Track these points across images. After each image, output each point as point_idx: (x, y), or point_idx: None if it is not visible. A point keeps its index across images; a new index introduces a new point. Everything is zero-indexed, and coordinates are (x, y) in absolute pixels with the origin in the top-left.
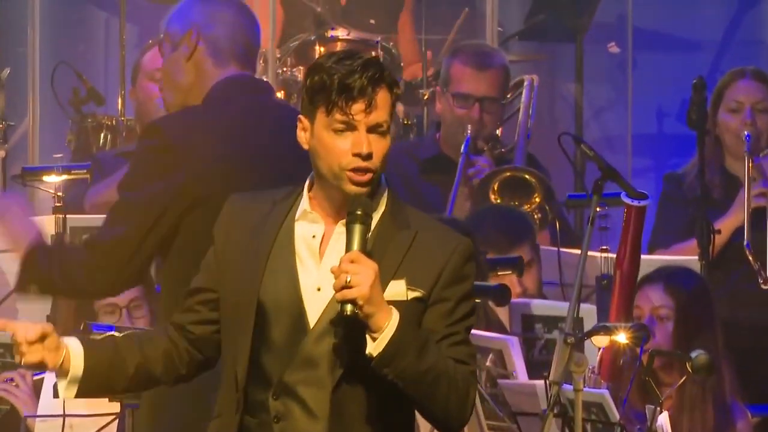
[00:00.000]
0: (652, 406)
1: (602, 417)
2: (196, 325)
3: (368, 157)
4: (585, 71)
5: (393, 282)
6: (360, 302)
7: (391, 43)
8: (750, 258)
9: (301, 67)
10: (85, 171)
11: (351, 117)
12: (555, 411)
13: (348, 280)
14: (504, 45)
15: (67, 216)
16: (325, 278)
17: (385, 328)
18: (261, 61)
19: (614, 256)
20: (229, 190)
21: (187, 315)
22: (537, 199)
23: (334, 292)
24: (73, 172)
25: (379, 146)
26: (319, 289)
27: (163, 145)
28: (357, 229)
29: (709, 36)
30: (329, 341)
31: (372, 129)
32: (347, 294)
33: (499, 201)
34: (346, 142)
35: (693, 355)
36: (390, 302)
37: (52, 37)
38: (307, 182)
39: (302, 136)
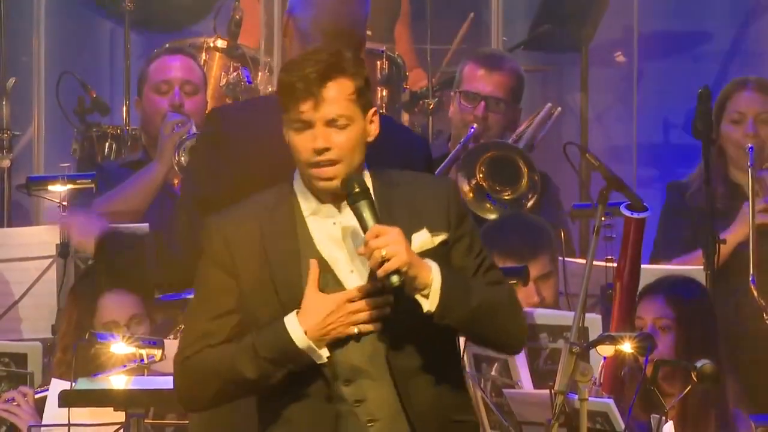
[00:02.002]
0: (658, 416)
1: (607, 426)
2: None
3: (323, 151)
4: (590, 81)
5: (415, 235)
6: (404, 269)
7: (396, 53)
8: (755, 294)
9: None
10: (90, 180)
11: (304, 115)
12: (560, 420)
13: (383, 254)
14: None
15: None
16: (353, 258)
17: (432, 283)
18: (266, 71)
19: None
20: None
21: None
22: (524, 182)
23: (367, 268)
24: (78, 181)
25: (340, 139)
26: (352, 272)
27: (217, 132)
28: (364, 205)
29: (715, 46)
30: None
31: (329, 123)
32: (389, 267)
33: (483, 179)
34: (305, 140)
35: (698, 364)
36: (420, 254)
37: (57, 46)
38: (296, 178)
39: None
